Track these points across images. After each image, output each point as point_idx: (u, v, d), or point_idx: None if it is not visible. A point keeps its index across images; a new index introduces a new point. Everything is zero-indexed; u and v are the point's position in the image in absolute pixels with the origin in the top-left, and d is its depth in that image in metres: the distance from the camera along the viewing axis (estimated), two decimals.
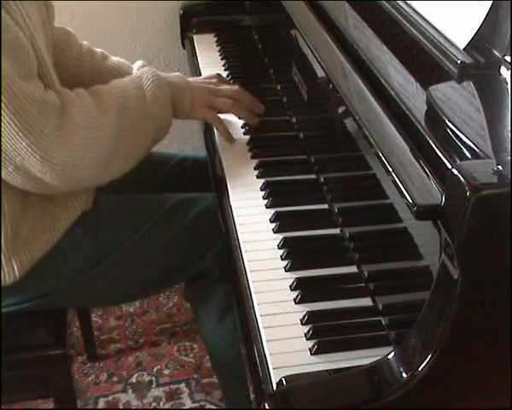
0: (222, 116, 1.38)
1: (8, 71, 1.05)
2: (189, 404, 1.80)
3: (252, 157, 1.33)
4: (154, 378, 1.88)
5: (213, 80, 1.41)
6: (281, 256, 1.09)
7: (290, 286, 1.03)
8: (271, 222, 1.16)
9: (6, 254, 1.21)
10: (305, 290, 1.02)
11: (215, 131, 1.39)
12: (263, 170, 1.29)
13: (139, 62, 1.46)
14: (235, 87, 1.39)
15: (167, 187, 1.50)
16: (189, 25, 1.88)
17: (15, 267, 1.22)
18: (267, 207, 1.20)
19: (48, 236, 1.25)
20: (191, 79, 1.36)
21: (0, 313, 1.27)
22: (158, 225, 1.33)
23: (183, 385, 1.86)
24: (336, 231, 1.14)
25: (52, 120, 1.11)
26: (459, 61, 0.93)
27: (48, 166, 1.11)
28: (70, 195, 1.26)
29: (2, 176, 1.13)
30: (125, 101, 1.22)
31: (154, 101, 1.24)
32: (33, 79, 1.12)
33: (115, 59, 1.50)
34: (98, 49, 1.50)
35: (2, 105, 1.05)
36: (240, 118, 1.39)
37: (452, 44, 0.97)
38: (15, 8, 1.10)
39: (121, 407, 1.81)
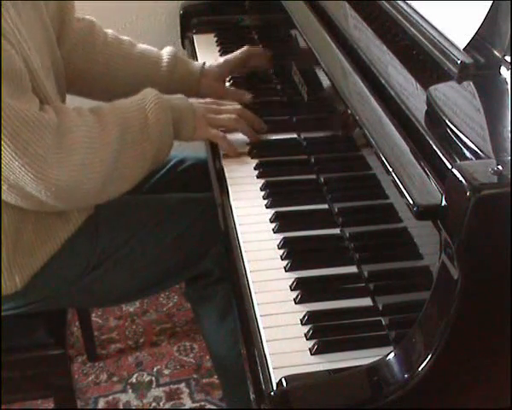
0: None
1: (4, 90, 1.04)
2: (189, 404, 1.80)
3: (252, 157, 1.33)
4: (154, 378, 1.88)
5: (214, 101, 1.38)
6: (281, 256, 1.09)
7: (290, 286, 1.03)
8: (271, 222, 1.16)
9: (7, 267, 1.21)
10: (305, 290, 1.02)
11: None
12: (263, 170, 1.29)
13: (168, 48, 1.50)
14: (237, 106, 1.36)
15: (167, 187, 1.50)
16: (189, 25, 1.88)
17: (17, 279, 1.23)
18: (267, 207, 1.20)
19: (49, 246, 1.25)
20: (192, 101, 1.33)
21: (0, 314, 1.27)
22: (158, 226, 1.33)
23: (183, 385, 1.86)
24: (336, 231, 1.14)
25: (47, 139, 1.09)
26: (459, 61, 0.93)
27: (42, 185, 1.10)
28: (67, 213, 1.25)
29: None
30: (126, 121, 1.21)
31: (155, 123, 1.23)
32: (27, 97, 1.10)
33: (143, 46, 1.50)
34: (125, 37, 1.50)
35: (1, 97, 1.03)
36: (243, 134, 1.35)
37: (452, 44, 0.97)
38: (6, 25, 1.08)
39: (121, 407, 1.81)
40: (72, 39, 1.42)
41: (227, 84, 1.57)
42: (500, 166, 0.73)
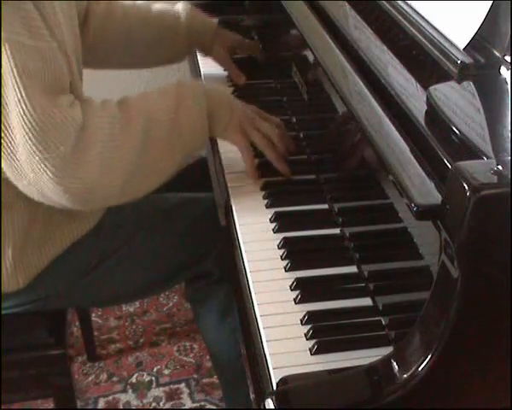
0: None
1: (36, 84, 1.02)
2: (189, 404, 1.80)
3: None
4: (154, 378, 1.88)
5: (256, 112, 1.29)
6: (281, 256, 1.09)
7: (290, 286, 1.03)
8: (271, 222, 1.16)
9: (12, 266, 1.21)
10: (305, 290, 1.02)
11: None
12: (263, 170, 1.28)
13: (182, 3, 1.54)
14: (277, 130, 1.27)
15: (167, 186, 1.49)
16: None
17: (20, 279, 1.22)
18: (267, 207, 1.20)
19: (55, 247, 1.24)
20: (236, 102, 1.28)
21: (0, 313, 1.27)
22: (158, 226, 1.33)
23: (183, 385, 1.86)
24: (336, 231, 1.14)
25: (72, 136, 1.06)
26: (459, 61, 0.93)
27: (60, 186, 1.06)
28: (79, 214, 1.25)
29: (20, 188, 1.10)
30: (153, 115, 1.14)
31: (187, 115, 1.16)
32: (63, 93, 1.08)
33: (158, 5, 1.53)
34: (140, 2, 1.54)
35: (23, 118, 1.02)
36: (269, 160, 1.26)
37: (452, 44, 0.97)
38: (51, 15, 1.07)
39: (121, 407, 1.81)
40: (97, 20, 1.45)
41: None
42: (500, 166, 0.73)
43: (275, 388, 0.87)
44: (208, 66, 1.66)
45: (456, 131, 0.83)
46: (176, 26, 1.52)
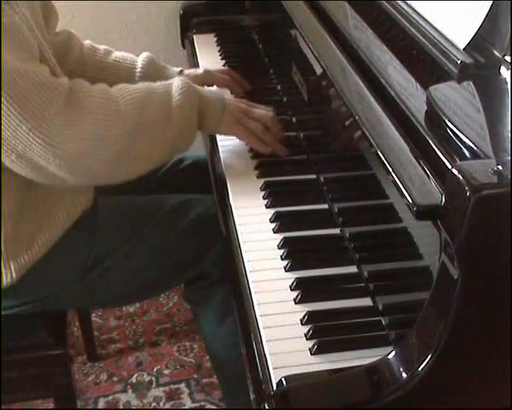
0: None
1: (5, 55, 1.03)
2: (189, 404, 1.80)
3: (252, 157, 1.33)
4: (154, 378, 1.88)
5: (247, 104, 1.34)
6: (281, 256, 1.09)
7: (290, 286, 1.03)
8: (271, 222, 1.16)
9: (4, 256, 1.20)
10: (305, 290, 1.02)
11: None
12: (263, 170, 1.29)
13: (144, 54, 1.50)
14: (270, 113, 1.33)
15: (167, 186, 1.49)
16: (189, 25, 1.88)
17: (13, 269, 1.21)
18: (267, 207, 1.20)
19: (46, 237, 1.23)
20: (227, 98, 1.33)
21: (0, 313, 1.27)
22: (157, 227, 1.33)
23: (183, 385, 1.86)
24: (336, 231, 1.14)
25: (55, 102, 1.07)
26: (459, 61, 0.93)
27: (50, 152, 1.07)
28: (70, 196, 1.25)
29: (7, 165, 1.10)
30: (148, 99, 1.19)
31: (179, 107, 1.21)
32: (35, 61, 1.09)
33: (119, 53, 1.50)
34: (102, 46, 1.50)
35: (2, 91, 1.02)
36: (266, 145, 1.32)
37: (452, 44, 0.97)
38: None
39: (121, 407, 1.81)
40: (56, 49, 1.39)
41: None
42: (500, 166, 0.74)
43: (275, 388, 0.87)
44: (208, 66, 1.67)
45: (456, 131, 0.83)
46: (130, 77, 1.47)
